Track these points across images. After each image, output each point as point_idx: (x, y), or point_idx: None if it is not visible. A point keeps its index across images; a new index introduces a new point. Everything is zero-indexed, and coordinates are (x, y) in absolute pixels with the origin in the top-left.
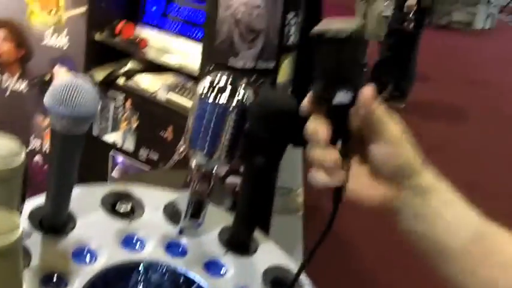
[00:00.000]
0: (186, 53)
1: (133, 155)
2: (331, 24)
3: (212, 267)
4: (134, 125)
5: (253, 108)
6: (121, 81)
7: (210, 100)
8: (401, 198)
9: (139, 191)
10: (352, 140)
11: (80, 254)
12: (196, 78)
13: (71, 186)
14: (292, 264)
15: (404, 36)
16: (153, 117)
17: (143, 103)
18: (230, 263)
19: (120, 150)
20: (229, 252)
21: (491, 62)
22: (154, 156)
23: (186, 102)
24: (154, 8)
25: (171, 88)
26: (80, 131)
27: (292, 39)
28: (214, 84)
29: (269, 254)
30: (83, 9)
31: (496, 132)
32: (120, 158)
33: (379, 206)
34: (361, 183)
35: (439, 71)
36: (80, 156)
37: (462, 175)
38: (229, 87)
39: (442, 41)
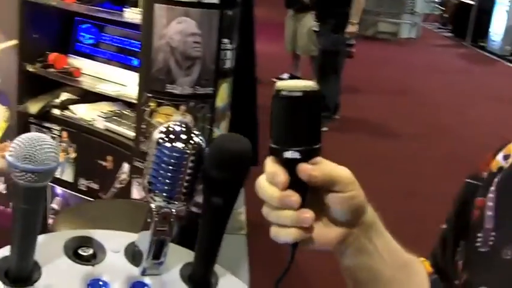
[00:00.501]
0: (120, 81)
1: (73, 185)
2: (292, 83)
3: None
4: (72, 155)
5: (210, 152)
6: (56, 112)
7: (168, 145)
8: (350, 237)
9: (99, 235)
10: (306, 192)
11: None
12: (134, 106)
13: (35, 236)
14: None
15: (339, 57)
16: (92, 146)
17: (80, 133)
18: None
19: (59, 181)
20: None
21: (417, 70)
22: (95, 186)
23: (124, 130)
24: (87, 37)
25: (109, 117)
26: (44, 183)
27: (228, 64)
28: (170, 130)
29: (229, 286)
30: (14, 41)
31: (425, 139)
32: (59, 189)
33: (331, 247)
34: (317, 232)
35: (367, 81)
36: (43, 205)
37: (400, 184)
38: (184, 133)
39: (369, 52)
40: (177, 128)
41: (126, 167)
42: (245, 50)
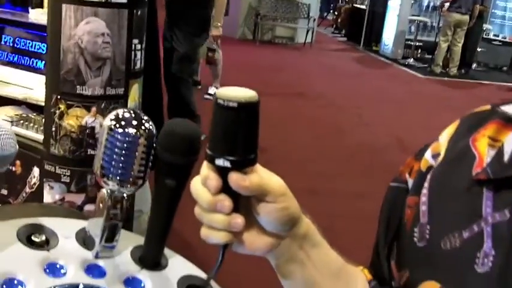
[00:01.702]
0: (26, 84)
1: None
2: (233, 91)
3: (132, 283)
4: None
5: (161, 137)
6: None
7: (120, 131)
8: (282, 246)
9: (50, 222)
10: (240, 198)
11: (10, 285)
12: (41, 109)
13: None
14: (199, 272)
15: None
16: None
17: None
18: (147, 277)
19: None
20: (143, 268)
21: (315, 74)
22: (3, 192)
23: (32, 134)
24: None
25: (16, 121)
26: (2, 168)
27: (138, 64)
28: (120, 117)
29: (179, 266)
30: None
31: (325, 140)
32: None
33: (262, 254)
34: (248, 237)
35: (265, 85)
36: None
37: (303, 183)
38: (135, 119)
39: (267, 56)
40: (127, 115)
41: (36, 170)
42: (152, 51)
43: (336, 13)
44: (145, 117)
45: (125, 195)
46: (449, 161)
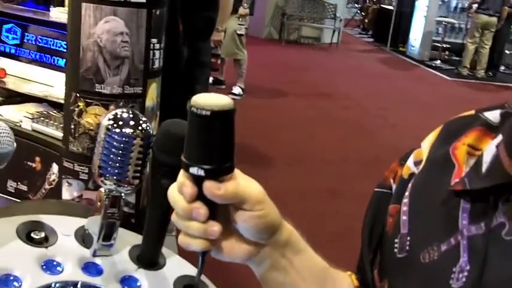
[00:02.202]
0: (47, 81)
1: (1, 187)
2: (207, 98)
3: (128, 282)
4: None
5: (158, 137)
6: None
7: (117, 131)
8: (262, 253)
9: (50, 219)
10: (217, 205)
11: (7, 281)
12: (61, 107)
13: None
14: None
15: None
16: (19, 148)
17: None
18: (143, 277)
19: None
20: (141, 268)
21: (340, 74)
22: (23, 188)
23: (52, 131)
24: (10, 37)
25: (36, 118)
26: (1, 165)
27: (157, 64)
28: (118, 117)
29: (176, 266)
30: None
31: (348, 141)
32: None
33: (241, 261)
34: (226, 245)
35: (290, 85)
36: None
37: (324, 184)
38: (132, 119)
39: (293, 56)
40: (125, 115)
41: (55, 167)
42: (172, 51)
43: (363, 13)
44: (143, 118)
45: (122, 194)
46: (429, 169)
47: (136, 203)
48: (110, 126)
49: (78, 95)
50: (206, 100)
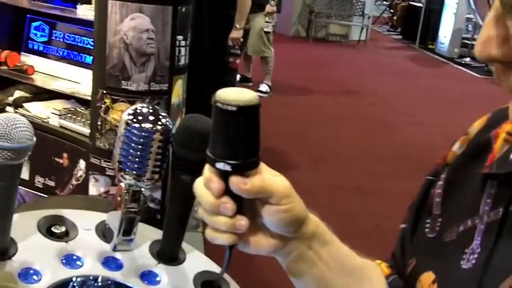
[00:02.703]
0: (74, 78)
1: (29, 183)
2: (232, 93)
3: (147, 277)
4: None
5: (177, 132)
6: (10, 110)
7: (137, 126)
8: (289, 246)
9: (71, 214)
10: (244, 199)
11: (26, 274)
12: (88, 103)
13: (12, 213)
14: (216, 268)
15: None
16: (47, 144)
17: (35, 131)
18: (163, 272)
19: None
20: (160, 263)
21: (368, 72)
22: (51, 183)
23: (79, 127)
24: (39, 35)
25: (63, 114)
26: (19, 161)
27: (182, 60)
28: (138, 112)
29: (196, 261)
30: None
31: (375, 138)
32: None
33: (268, 254)
34: (253, 238)
35: (318, 82)
36: (18, 183)
37: (350, 181)
38: (152, 114)
39: (320, 54)
40: (145, 110)
41: (82, 163)
42: (198, 48)
43: (391, 11)
44: (163, 113)
45: (142, 189)
46: (468, 153)
47: (162, 198)
48: (129, 121)
49: (104, 91)
50: (231, 95)
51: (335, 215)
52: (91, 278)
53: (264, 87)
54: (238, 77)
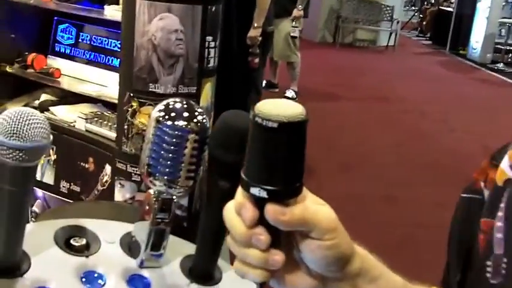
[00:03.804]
0: (101, 81)
1: (54, 188)
2: (274, 106)
3: None
4: (53, 157)
5: (215, 131)
6: None
7: (169, 124)
8: (331, 286)
9: (93, 224)
10: (280, 230)
11: None
12: (115, 107)
13: (24, 223)
14: None
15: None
16: (72, 148)
17: (61, 135)
18: None
19: (40, 183)
20: (193, 282)
21: (397, 77)
22: (76, 188)
23: (106, 131)
24: (66, 37)
25: (90, 118)
26: (33, 162)
27: (212, 62)
28: (170, 108)
29: (234, 281)
30: None
31: (406, 146)
32: (40, 192)
33: None
34: (289, 276)
35: (346, 88)
36: (32, 189)
37: (381, 190)
38: (186, 110)
39: (347, 59)
40: (178, 106)
41: (108, 168)
42: (228, 49)
43: (420, 16)
44: (199, 109)
45: (174, 197)
46: None
47: (189, 205)
48: (160, 118)
49: (131, 94)
50: (273, 108)
51: (364, 225)
52: None
53: (290, 93)
54: (264, 82)
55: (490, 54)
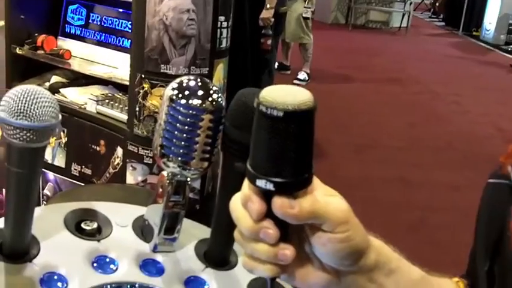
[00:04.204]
0: (112, 63)
1: (65, 171)
2: (279, 94)
3: (193, 284)
4: (64, 140)
5: (231, 110)
6: None
7: (183, 102)
8: (344, 281)
9: (104, 207)
10: (288, 225)
11: (49, 280)
12: (126, 89)
13: (32, 206)
14: None
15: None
16: (83, 131)
17: (72, 117)
18: (211, 278)
19: (51, 166)
20: (208, 267)
21: (410, 59)
22: (88, 171)
23: (117, 113)
24: (76, 18)
25: (101, 100)
26: (41, 143)
27: (224, 43)
28: (184, 86)
29: None
30: (1, 23)
31: (420, 127)
32: (51, 175)
33: None
34: (300, 271)
35: (359, 70)
36: (41, 171)
37: (395, 172)
38: (201, 88)
39: (361, 41)
40: (192, 83)
41: (119, 151)
42: (240, 29)
43: None
44: (214, 88)
45: (188, 179)
46: None
47: (201, 187)
48: (174, 97)
49: (143, 76)
50: (279, 96)
51: (378, 208)
52: (126, 285)
53: (302, 75)
54: (276, 64)
55: (503, 36)
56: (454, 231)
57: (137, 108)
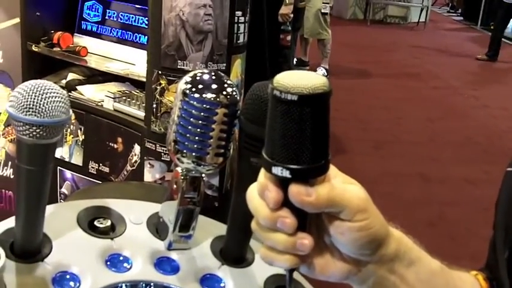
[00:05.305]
0: (128, 59)
1: (83, 169)
2: (294, 78)
3: (209, 282)
4: (81, 138)
5: (247, 104)
6: None
7: (196, 96)
8: (364, 271)
9: (118, 204)
10: (306, 214)
11: (62, 280)
12: (143, 85)
13: (43, 204)
14: None
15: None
16: (100, 128)
17: (89, 115)
18: (228, 276)
19: (68, 165)
20: (224, 264)
21: (428, 54)
22: (105, 169)
23: (134, 110)
24: (92, 15)
25: (118, 97)
26: (52, 139)
27: (241, 38)
28: (198, 80)
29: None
30: (16, 20)
31: (438, 122)
32: (68, 173)
33: (338, 280)
34: (319, 261)
35: (378, 65)
36: (52, 168)
37: (413, 167)
38: (215, 82)
39: (379, 36)
40: (206, 77)
41: (137, 148)
42: (258, 24)
43: None
44: (229, 81)
45: (203, 175)
46: None
47: (220, 184)
48: (187, 91)
49: (160, 72)
50: (292, 80)
51: (397, 203)
52: (140, 284)
53: (321, 71)
54: (294, 60)
55: None
56: (473, 226)
57: (154, 105)
